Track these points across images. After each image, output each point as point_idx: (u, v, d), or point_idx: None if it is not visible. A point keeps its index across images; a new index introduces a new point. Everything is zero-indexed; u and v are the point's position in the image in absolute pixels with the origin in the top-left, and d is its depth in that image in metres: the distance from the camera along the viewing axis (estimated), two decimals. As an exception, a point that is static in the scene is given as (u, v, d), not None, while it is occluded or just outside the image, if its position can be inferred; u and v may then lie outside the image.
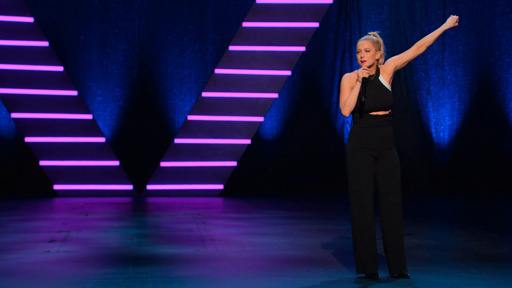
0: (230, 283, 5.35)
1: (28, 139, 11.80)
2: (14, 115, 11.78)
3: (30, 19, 11.80)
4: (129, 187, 11.97)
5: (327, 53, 13.21)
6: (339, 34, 13.19)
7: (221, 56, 12.42)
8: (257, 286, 5.25)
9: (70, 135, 11.84)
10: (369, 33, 5.67)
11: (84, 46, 12.75)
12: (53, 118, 11.82)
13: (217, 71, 12.09)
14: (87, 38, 12.75)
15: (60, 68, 11.87)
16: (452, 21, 5.61)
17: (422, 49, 5.61)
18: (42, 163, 11.83)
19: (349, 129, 13.13)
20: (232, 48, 12.07)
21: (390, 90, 5.56)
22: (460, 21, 13.19)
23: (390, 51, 13.22)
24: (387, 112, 5.50)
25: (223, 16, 12.95)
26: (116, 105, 12.88)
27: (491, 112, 13.24)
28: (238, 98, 12.05)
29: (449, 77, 13.24)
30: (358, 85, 5.44)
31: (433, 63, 13.23)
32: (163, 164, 12.00)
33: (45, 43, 11.84)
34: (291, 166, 13.18)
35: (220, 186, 12.04)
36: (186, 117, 12.13)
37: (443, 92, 13.26)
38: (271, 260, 6.22)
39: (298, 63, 13.01)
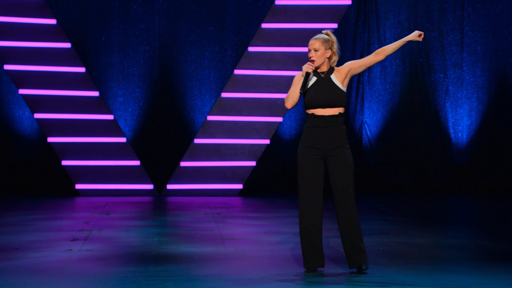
0: (249, 282, 5.39)
1: (50, 139, 11.93)
2: (37, 115, 11.91)
3: (52, 21, 11.93)
4: (150, 186, 12.06)
5: (346, 54, 13.22)
6: (357, 35, 13.21)
7: (240, 57, 12.48)
8: (276, 285, 5.30)
9: (91, 135, 11.95)
10: (322, 31, 5.69)
11: (106, 48, 12.87)
12: (75, 119, 11.93)
13: (237, 72, 12.15)
14: (108, 40, 12.86)
15: (82, 69, 11.98)
16: (415, 34, 5.60)
17: (380, 57, 5.60)
18: (64, 162, 11.95)
19: (367, 129, 13.16)
20: (251, 49, 12.13)
21: (343, 90, 5.57)
22: (478, 21, 13.21)
23: (409, 52, 13.23)
24: (336, 112, 5.52)
25: (243, 17, 13.02)
26: (137, 106, 12.98)
27: (509, 112, 13.19)
28: (257, 98, 12.10)
29: (467, 78, 13.22)
30: (302, 79, 5.51)
31: (451, 64, 13.21)
32: (183, 164, 12.08)
33: (68, 45, 11.96)
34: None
35: (240, 186, 12.10)
36: (206, 118, 12.20)
37: (461, 92, 13.23)
38: (290, 259, 6.25)
39: (317, 64, 13.02)
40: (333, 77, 5.59)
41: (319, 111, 5.54)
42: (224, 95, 12.15)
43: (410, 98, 13.27)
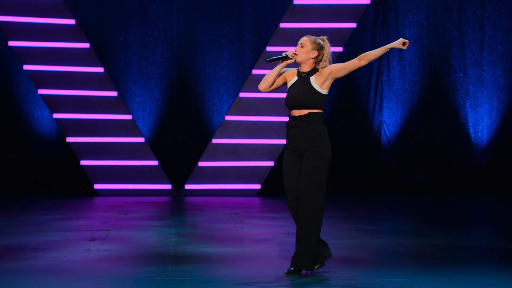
0: (268, 282, 5.38)
1: (69, 139, 11.98)
2: (56, 115, 11.97)
3: (71, 21, 11.98)
4: (168, 186, 12.08)
5: (365, 54, 13.17)
6: (376, 35, 13.16)
7: (258, 57, 12.47)
8: (294, 285, 5.29)
9: (110, 135, 11.99)
10: (321, 37, 5.70)
11: (124, 48, 12.91)
12: (93, 119, 11.98)
13: (255, 71, 12.14)
14: (127, 40, 12.90)
15: (100, 69, 12.03)
16: (399, 42, 5.55)
17: (363, 63, 5.57)
18: (83, 162, 11.99)
19: (386, 129, 13.11)
20: (269, 48, 12.12)
21: (321, 92, 5.53)
22: (499, 20, 13.10)
23: (428, 52, 13.16)
24: (307, 112, 5.48)
25: (261, 17, 13.01)
26: (155, 106, 13.01)
27: (530, 112, 13.11)
28: (275, 98, 12.09)
29: (487, 77, 13.13)
30: (283, 63, 5.54)
31: (471, 63, 13.13)
32: (201, 164, 12.09)
33: (86, 45, 12.00)
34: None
35: (258, 186, 12.09)
36: (224, 118, 12.20)
37: (481, 92, 13.15)
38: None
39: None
40: (312, 78, 5.57)
41: (295, 112, 5.55)
42: (242, 95, 12.14)
43: (430, 98, 13.20)
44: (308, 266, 5.51)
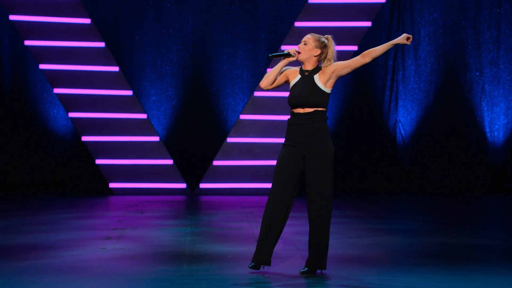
0: (282, 281, 5.38)
1: (84, 138, 12.02)
2: (72, 114, 12.01)
3: (87, 21, 12.02)
4: (183, 185, 12.11)
5: (380, 52, 13.13)
6: (392, 33, 13.11)
7: (273, 56, 12.44)
8: (309, 284, 5.28)
9: (125, 134, 12.03)
10: (326, 35, 5.65)
11: (139, 47, 12.94)
12: (109, 118, 12.02)
13: (270, 70, 12.11)
14: (141, 39, 12.93)
15: (115, 69, 12.06)
16: (403, 37, 5.51)
17: (367, 60, 5.52)
18: (98, 161, 12.04)
19: (401, 128, 13.06)
20: (284, 47, 12.10)
21: (325, 91, 5.51)
22: (516, 18, 13.02)
23: (444, 50, 13.11)
24: (312, 110, 5.48)
25: (276, 16, 13.00)
26: (170, 105, 13.03)
27: (547, 111, 13.03)
28: (290, 97, 12.06)
29: (504, 76, 13.06)
30: (283, 62, 5.54)
31: (487, 62, 13.06)
32: (216, 163, 12.10)
33: (102, 44, 12.04)
34: (343, 166, 13.16)
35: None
36: (239, 117, 12.20)
37: (497, 91, 13.08)
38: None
39: (351, 62, 12.97)
40: (316, 77, 5.55)
41: (298, 110, 5.54)
42: (257, 94, 12.14)
43: (445, 97, 13.15)
44: (323, 265, 5.51)
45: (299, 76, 5.60)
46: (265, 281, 5.38)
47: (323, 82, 5.53)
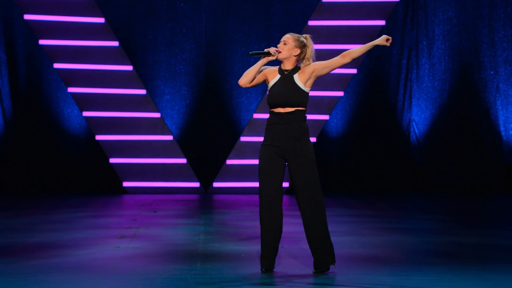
0: (295, 280, 5.38)
1: (98, 137, 12.06)
2: (86, 113, 12.05)
3: (101, 20, 12.05)
4: (196, 184, 12.12)
5: (393, 51, 13.11)
6: (406, 32, 13.08)
7: (287, 55, 12.44)
8: (323, 283, 5.28)
9: (139, 133, 12.06)
10: (304, 35, 5.67)
11: (153, 46, 12.97)
12: (122, 117, 12.05)
13: (283, 69, 12.12)
14: (155, 38, 12.96)
15: (129, 68, 12.09)
16: (383, 39, 5.56)
17: (347, 60, 5.58)
18: (112, 160, 12.07)
19: (415, 127, 13.02)
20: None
21: (305, 90, 5.55)
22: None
23: (458, 49, 13.05)
24: (293, 109, 5.51)
25: (289, 14, 12.99)
26: (184, 104, 13.05)
27: (562, 109, 12.95)
28: (304, 96, 12.06)
29: (519, 74, 13.00)
30: (264, 60, 5.52)
31: (502, 60, 13.00)
32: (229, 162, 12.11)
33: (115, 43, 12.08)
34: (357, 164, 13.14)
35: (286, 184, 12.07)
36: (252, 115, 12.20)
37: (512, 89, 13.02)
38: (337, 258, 6.21)
39: (364, 61, 12.96)
40: (296, 76, 5.58)
41: (279, 109, 5.55)
42: (270, 93, 12.12)
43: (459, 96, 13.09)
44: (330, 261, 5.55)
45: (278, 76, 5.62)
46: (278, 280, 5.38)
47: (303, 81, 5.57)
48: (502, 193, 12.48)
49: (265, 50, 5.59)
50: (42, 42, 11.97)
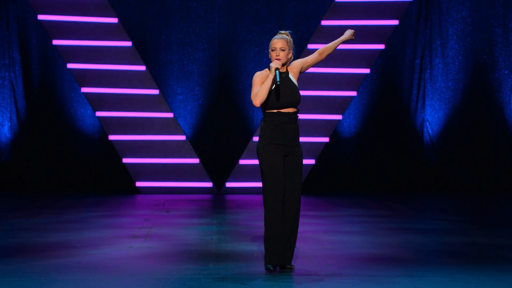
0: (308, 280, 5.38)
1: (112, 137, 12.09)
2: (99, 113, 12.09)
3: (114, 20, 12.08)
4: (209, 184, 12.13)
5: (407, 51, 13.07)
6: (419, 32, 13.04)
7: (299, 55, 12.43)
8: (335, 283, 5.27)
9: (152, 133, 12.08)
10: (281, 31, 5.76)
11: (166, 46, 12.99)
12: (135, 117, 12.08)
13: (296, 69, 12.10)
14: (168, 38, 12.98)
15: (142, 68, 12.11)
16: (349, 34, 5.89)
17: (323, 56, 5.82)
18: (125, 160, 12.10)
19: (429, 127, 12.97)
20: (311, 46, 12.08)
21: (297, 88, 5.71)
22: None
23: (472, 49, 12.99)
24: (295, 109, 5.63)
25: (302, 14, 12.98)
26: (196, 104, 13.07)
27: None
28: (316, 96, 12.06)
29: (533, 74, 12.94)
30: (271, 77, 5.53)
31: (516, 60, 12.95)
32: (242, 162, 12.11)
33: (129, 43, 12.10)
34: (370, 164, 13.12)
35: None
36: (265, 115, 12.18)
37: (527, 89, 12.96)
38: (349, 258, 6.21)
39: (377, 61, 12.92)
40: (291, 76, 5.71)
41: (288, 110, 5.62)
42: (283, 93, 12.11)
43: (473, 96, 13.04)
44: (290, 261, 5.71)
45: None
46: (291, 280, 5.37)
47: (296, 79, 5.73)
48: (516, 193, 12.42)
49: (278, 70, 5.55)
50: (55, 42, 12.02)
